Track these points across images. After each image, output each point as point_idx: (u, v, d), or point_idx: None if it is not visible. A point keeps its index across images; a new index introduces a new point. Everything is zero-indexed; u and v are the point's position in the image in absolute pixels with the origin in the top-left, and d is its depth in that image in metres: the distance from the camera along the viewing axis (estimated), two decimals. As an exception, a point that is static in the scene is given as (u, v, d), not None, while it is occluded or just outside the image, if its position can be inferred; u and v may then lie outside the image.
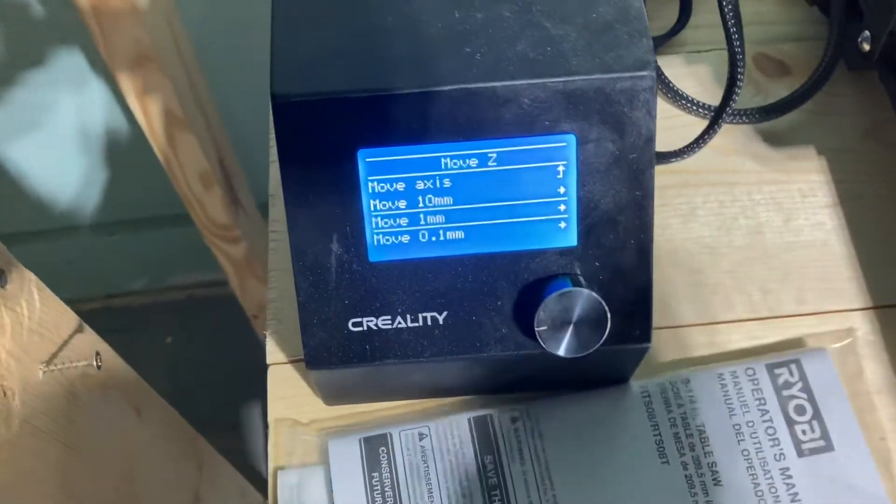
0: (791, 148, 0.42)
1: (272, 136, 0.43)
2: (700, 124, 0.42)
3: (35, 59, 0.78)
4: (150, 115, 0.64)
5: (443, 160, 0.30)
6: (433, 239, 0.31)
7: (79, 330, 0.38)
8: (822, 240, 0.40)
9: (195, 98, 0.68)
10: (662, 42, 0.44)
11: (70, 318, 0.37)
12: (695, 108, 0.42)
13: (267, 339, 0.38)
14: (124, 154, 0.93)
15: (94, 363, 0.35)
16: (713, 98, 0.43)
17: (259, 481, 1.09)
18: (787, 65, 0.44)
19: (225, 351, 1.19)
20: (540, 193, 0.30)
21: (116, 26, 0.57)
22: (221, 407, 1.16)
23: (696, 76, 0.44)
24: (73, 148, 0.92)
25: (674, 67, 0.44)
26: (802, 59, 0.44)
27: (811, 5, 0.43)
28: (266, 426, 0.36)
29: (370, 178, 0.30)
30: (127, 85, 0.61)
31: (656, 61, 0.29)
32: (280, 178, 0.30)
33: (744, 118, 0.42)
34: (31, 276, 0.34)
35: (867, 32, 0.39)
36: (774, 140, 0.42)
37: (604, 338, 0.30)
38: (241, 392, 1.17)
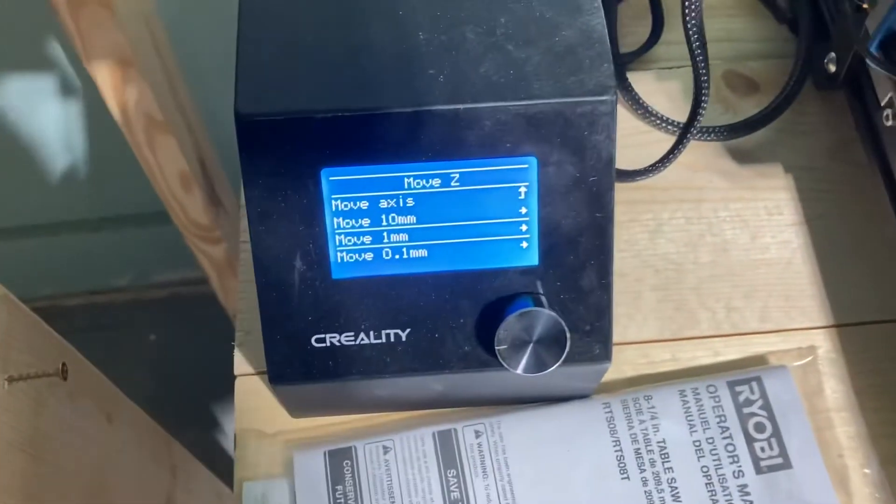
0: (758, 165, 0.42)
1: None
2: (670, 141, 0.43)
3: (16, 53, 0.78)
4: (129, 119, 0.64)
5: (406, 180, 0.30)
6: (396, 257, 0.31)
7: (45, 338, 0.38)
8: (787, 258, 0.40)
9: (175, 100, 0.68)
10: (634, 58, 0.45)
11: (35, 325, 0.37)
12: (665, 124, 0.42)
13: (235, 351, 0.38)
14: (107, 151, 0.93)
15: (60, 374, 0.35)
16: (683, 115, 0.43)
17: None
18: (756, 82, 0.44)
19: (208, 349, 1.18)
20: (502, 214, 0.30)
21: (95, 29, 0.57)
22: (204, 405, 1.16)
23: (666, 92, 0.44)
24: (56, 144, 0.92)
25: (645, 84, 0.44)
26: (771, 77, 0.44)
27: (781, 24, 0.44)
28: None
29: (334, 196, 0.30)
30: (106, 88, 0.61)
31: (616, 88, 0.29)
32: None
33: (712, 135, 0.42)
34: (-4, 285, 0.34)
35: (833, 54, 0.39)
36: (742, 157, 0.42)
37: (563, 357, 0.30)
38: (224, 391, 1.16)
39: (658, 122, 0.42)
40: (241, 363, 0.38)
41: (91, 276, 1.17)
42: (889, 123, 0.37)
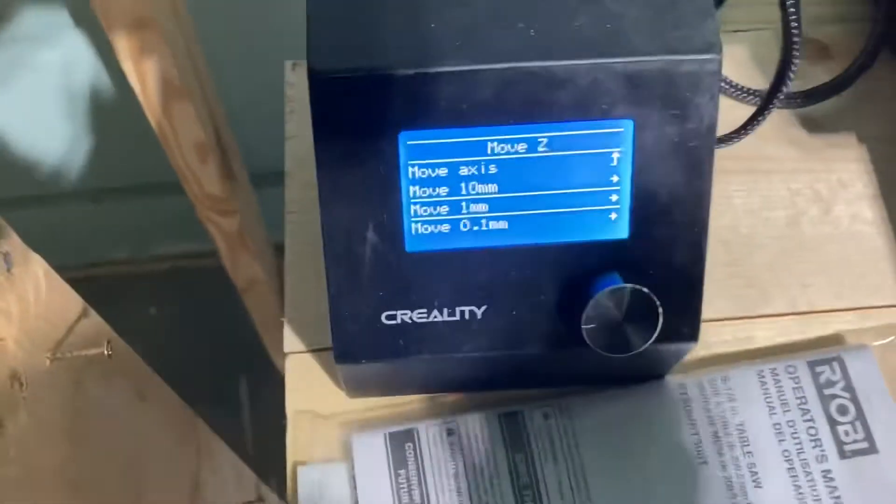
0: (830, 135, 0.40)
1: (289, 109, 0.40)
2: (738, 108, 0.40)
3: (15, 14, 0.75)
4: (146, 83, 0.61)
5: (489, 144, 0.28)
6: (475, 228, 0.29)
7: (84, 315, 0.35)
8: (862, 232, 0.38)
9: (193, 66, 0.65)
10: (698, 20, 0.42)
11: (76, 303, 0.35)
12: (735, 91, 0.40)
13: (285, 328, 0.36)
14: (110, 120, 0.90)
15: (106, 351, 0.33)
16: (751, 80, 0.41)
17: (247, 458, 1.08)
18: (829, 47, 0.42)
19: (210, 323, 1.17)
20: (591, 182, 0.28)
21: (114, -11, 0.54)
22: (207, 380, 1.14)
23: (733, 57, 0.42)
24: (57, 112, 0.89)
25: (710, 48, 0.42)
26: (844, 42, 0.42)
27: (854, -14, 0.41)
28: (252, 407, 0.35)
29: (410, 162, 0.28)
30: (123, 49, 0.58)
31: (721, 45, 0.27)
32: (298, 160, 0.28)
33: (784, 103, 0.40)
34: (37, 258, 0.32)
35: (918, 17, 0.37)
36: (814, 126, 0.40)
37: (654, 337, 0.28)
38: (226, 365, 1.15)
39: (727, 87, 0.40)
40: (291, 341, 0.36)
41: (90, 248, 1.14)
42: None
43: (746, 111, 0.38)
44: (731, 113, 0.40)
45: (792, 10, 0.32)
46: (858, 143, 0.40)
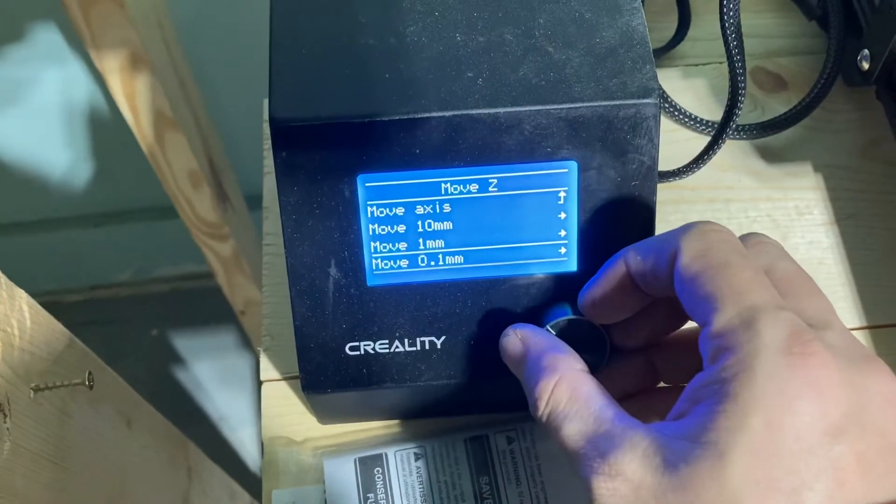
0: (788, 164, 0.42)
1: (266, 146, 0.42)
2: (698, 139, 0.42)
3: (17, 43, 0.77)
4: (139, 116, 0.63)
5: (443, 185, 0.29)
6: (432, 263, 0.30)
7: (69, 346, 0.37)
8: (818, 258, 0.40)
9: (185, 97, 0.67)
10: (660, 55, 0.44)
11: (60, 334, 0.37)
12: (693, 123, 0.42)
13: (261, 356, 0.38)
14: (110, 146, 0.92)
15: (87, 383, 0.34)
16: (710, 113, 0.43)
17: (245, 477, 1.09)
18: (785, 79, 0.43)
19: (209, 344, 1.18)
20: (540, 219, 0.30)
21: (106, 26, 0.56)
22: (206, 400, 1.16)
23: (693, 90, 0.43)
24: (58, 139, 0.91)
25: (671, 81, 0.43)
26: (799, 73, 0.44)
27: (810, 20, 0.43)
28: (256, 424, 0.36)
29: (369, 202, 0.29)
30: (116, 86, 0.60)
31: (660, 90, 0.28)
32: (276, 194, 0.29)
33: (742, 134, 0.41)
34: (21, 293, 0.34)
35: (866, 51, 0.39)
36: (771, 156, 0.42)
37: (602, 365, 0.30)
38: (225, 385, 1.16)
39: (686, 120, 0.42)
40: (267, 368, 0.37)
41: (92, 271, 1.16)
42: (924, 122, 0.36)
43: (705, 141, 0.40)
44: (690, 144, 0.41)
45: (735, 50, 0.33)
46: (815, 172, 0.42)
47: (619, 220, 0.30)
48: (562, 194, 0.29)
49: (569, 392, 0.26)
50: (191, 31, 0.73)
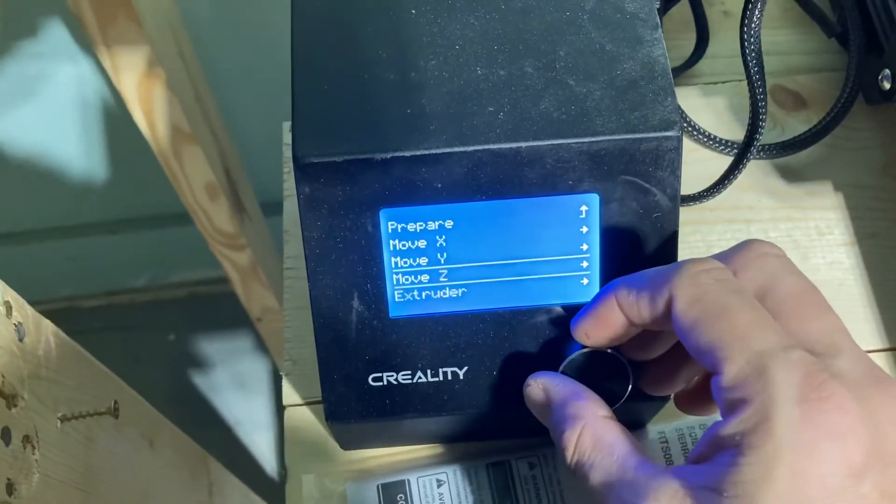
0: (808, 184, 0.42)
1: (287, 169, 0.42)
2: (718, 159, 0.42)
3: (37, 58, 0.77)
4: (156, 131, 0.63)
5: (464, 219, 0.29)
6: (454, 295, 0.30)
7: (94, 372, 0.37)
8: (839, 279, 0.40)
9: (201, 111, 0.67)
10: (678, 73, 0.44)
11: (85, 361, 0.37)
12: (713, 143, 0.42)
13: (283, 381, 0.38)
14: (127, 152, 0.92)
15: (112, 413, 0.35)
16: (730, 132, 0.43)
17: (262, 483, 1.09)
18: (804, 97, 0.43)
19: (226, 348, 1.19)
20: (563, 251, 0.30)
21: (123, 43, 0.56)
22: (222, 404, 1.17)
23: (713, 108, 0.43)
24: (74, 148, 0.91)
25: (690, 99, 0.43)
26: (819, 91, 0.43)
27: (829, 37, 0.43)
28: (277, 429, 0.36)
29: (392, 236, 0.29)
30: (133, 100, 0.61)
31: (681, 119, 0.28)
32: (297, 218, 0.30)
33: (762, 154, 0.41)
34: (47, 324, 0.34)
35: (888, 71, 0.38)
36: (791, 175, 0.42)
37: (625, 396, 0.30)
38: (241, 389, 1.17)
39: (706, 140, 0.42)
40: (289, 393, 0.38)
41: (109, 277, 1.17)
42: (947, 143, 0.36)
43: (725, 161, 0.40)
44: (710, 165, 0.41)
45: (756, 72, 0.33)
46: (835, 191, 0.41)
47: (641, 251, 0.30)
48: (583, 227, 0.29)
49: (592, 441, 0.26)
50: (206, 44, 0.73)
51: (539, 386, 0.29)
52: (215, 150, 0.72)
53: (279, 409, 0.37)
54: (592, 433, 0.26)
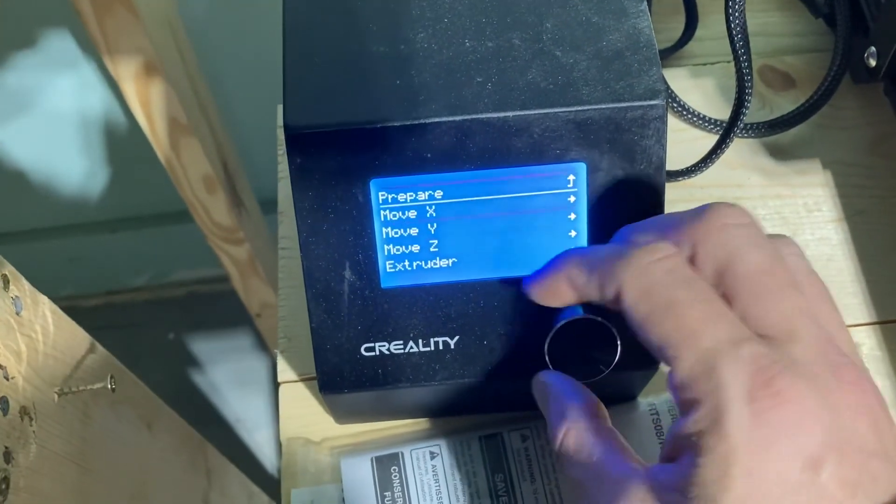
0: (796, 162, 0.42)
1: (281, 151, 0.43)
2: (706, 138, 0.42)
3: (31, 50, 0.78)
4: (154, 123, 0.64)
5: (454, 188, 0.30)
6: (444, 265, 0.31)
7: (91, 350, 0.38)
8: (828, 255, 0.40)
9: (199, 104, 0.68)
10: (668, 54, 0.44)
11: (82, 339, 0.38)
12: (701, 122, 0.42)
13: (278, 358, 0.38)
14: (126, 151, 0.93)
15: (109, 385, 0.35)
16: (719, 111, 0.43)
17: (262, 478, 1.10)
18: (792, 77, 0.44)
19: (226, 347, 1.19)
20: (551, 220, 0.30)
21: (120, 35, 0.57)
22: (222, 402, 1.17)
23: (701, 89, 0.44)
24: (74, 147, 0.92)
25: (679, 80, 0.44)
26: (807, 71, 0.44)
27: (816, 18, 0.43)
28: (274, 426, 0.37)
29: (382, 206, 0.30)
30: (131, 93, 0.61)
31: (667, 90, 0.29)
32: (291, 199, 0.30)
33: (750, 132, 0.42)
34: (44, 299, 0.34)
35: (873, 48, 0.39)
36: (780, 154, 0.42)
37: (613, 363, 0.30)
38: (242, 387, 1.17)
39: (694, 119, 0.42)
40: (284, 370, 0.38)
41: (109, 276, 1.17)
42: (932, 118, 0.36)
43: (713, 140, 0.40)
44: (699, 143, 0.42)
45: (742, 50, 0.34)
46: (823, 169, 0.42)
47: (628, 220, 0.30)
48: (571, 196, 0.30)
49: (575, 441, 0.27)
50: (203, 37, 0.74)
51: (540, 382, 0.30)
52: (212, 142, 0.73)
53: (279, 407, 0.37)
54: (576, 434, 0.27)
